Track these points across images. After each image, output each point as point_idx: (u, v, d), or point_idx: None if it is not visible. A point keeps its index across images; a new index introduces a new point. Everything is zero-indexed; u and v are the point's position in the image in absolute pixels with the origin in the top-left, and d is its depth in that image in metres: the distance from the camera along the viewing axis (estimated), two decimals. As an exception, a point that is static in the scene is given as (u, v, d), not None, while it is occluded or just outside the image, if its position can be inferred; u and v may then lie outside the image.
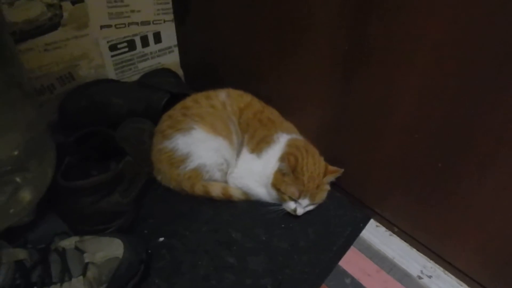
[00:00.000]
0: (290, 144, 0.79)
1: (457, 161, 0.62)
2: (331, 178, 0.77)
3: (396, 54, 0.61)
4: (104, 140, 0.76)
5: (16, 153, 0.65)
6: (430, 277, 0.71)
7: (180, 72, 1.16)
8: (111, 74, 1.00)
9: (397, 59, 0.61)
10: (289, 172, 0.73)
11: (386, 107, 0.67)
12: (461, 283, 0.70)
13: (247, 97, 0.86)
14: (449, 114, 0.59)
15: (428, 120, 0.62)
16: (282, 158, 0.75)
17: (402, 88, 0.62)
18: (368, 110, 0.70)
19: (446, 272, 0.72)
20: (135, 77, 1.05)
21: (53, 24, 0.83)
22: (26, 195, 0.67)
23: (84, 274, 0.55)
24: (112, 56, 0.98)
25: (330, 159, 0.80)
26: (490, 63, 0.52)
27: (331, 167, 0.77)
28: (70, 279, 0.54)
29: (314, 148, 0.80)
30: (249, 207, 0.81)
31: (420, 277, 0.71)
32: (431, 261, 0.74)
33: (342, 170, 0.77)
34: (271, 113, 0.86)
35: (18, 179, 0.66)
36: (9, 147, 0.64)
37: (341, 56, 0.69)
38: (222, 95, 0.85)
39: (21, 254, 0.52)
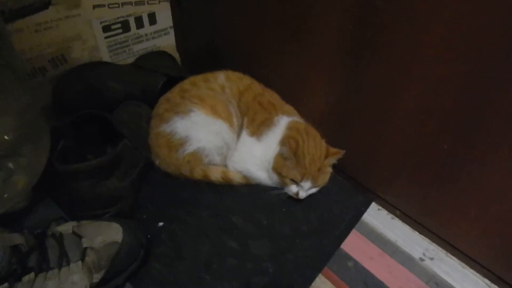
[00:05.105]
0: (290, 127, 0.78)
1: (464, 143, 0.60)
2: (332, 160, 0.76)
3: (403, 35, 0.59)
4: (100, 124, 0.73)
5: (7, 137, 0.63)
6: (432, 259, 0.71)
7: (176, 55, 1.12)
8: (105, 56, 0.97)
9: (405, 39, 0.59)
10: (290, 156, 0.72)
11: (392, 89, 0.65)
12: (464, 265, 0.70)
13: (246, 80, 0.84)
14: (458, 96, 0.58)
15: (436, 102, 0.60)
16: (283, 142, 0.74)
17: (410, 69, 0.61)
18: (373, 91, 0.68)
19: (449, 254, 0.72)
20: (130, 60, 1.02)
21: (44, 3, 0.79)
22: (20, 181, 0.65)
23: (82, 259, 0.54)
24: (106, 37, 0.94)
25: (333, 142, 0.78)
26: (501, 45, 0.50)
27: (332, 149, 0.76)
28: (68, 264, 0.53)
29: (315, 131, 0.78)
30: (250, 192, 0.79)
31: (422, 259, 0.70)
32: (433, 243, 0.73)
33: (344, 151, 0.75)
34: (271, 96, 0.84)
35: (10, 165, 0.64)
36: (1, 130, 0.62)
37: (347, 36, 0.67)
38: (221, 78, 0.82)
39: (17, 239, 0.50)
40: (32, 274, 0.49)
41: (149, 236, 0.67)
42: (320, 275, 0.67)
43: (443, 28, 0.54)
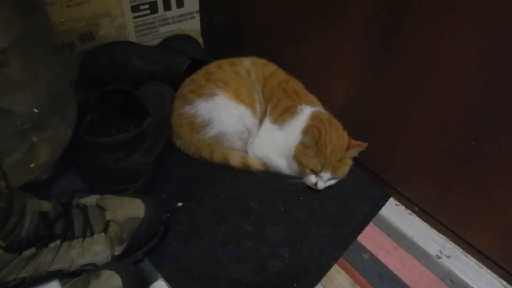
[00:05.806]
0: (313, 117, 0.77)
1: (491, 140, 0.59)
2: (354, 152, 0.75)
3: (438, 24, 0.58)
4: (124, 101, 0.74)
5: (36, 110, 0.63)
6: (449, 257, 0.70)
7: (200, 40, 1.13)
8: (132, 36, 0.98)
9: (440, 28, 0.58)
10: (312, 144, 0.71)
11: (421, 81, 0.64)
12: (481, 265, 0.69)
13: (271, 66, 0.84)
14: (490, 90, 0.56)
15: (467, 95, 0.59)
16: (306, 131, 0.73)
17: (442, 60, 0.60)
18: (401, 83, 0.67)
19: (466, 253, 0.71)
20: (155, 42, 1.03)
21: (77, -21, 0.80)
22: (42, 154, 0.66)
23: (105, 231, 0.55)
24: (134, 17, 0.95)
25: (353, 135, 0.78)
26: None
27: (354, 141, 0.75)
28: (92, 234, 0.54)
29: (337, 122, 0.78)
30: (268, 178, 0.80)
31: (438, 257, 0.70)
32: (450, 242, 0.73)
33: (366, 144, 0.74)
34: (296, 84, 0.83)
35: (34, 138, 0.65)
36: (31, 102, 0.62)
37: (378, 24, 0.66)
38: (246, 63, 0.82)
39: (45, 205, 0.52)
40: (58, 241, 0.50)
41: (168, 214, 0.68)
42: (335, 264, 0.67)
43: (481, 15, 0.53)
